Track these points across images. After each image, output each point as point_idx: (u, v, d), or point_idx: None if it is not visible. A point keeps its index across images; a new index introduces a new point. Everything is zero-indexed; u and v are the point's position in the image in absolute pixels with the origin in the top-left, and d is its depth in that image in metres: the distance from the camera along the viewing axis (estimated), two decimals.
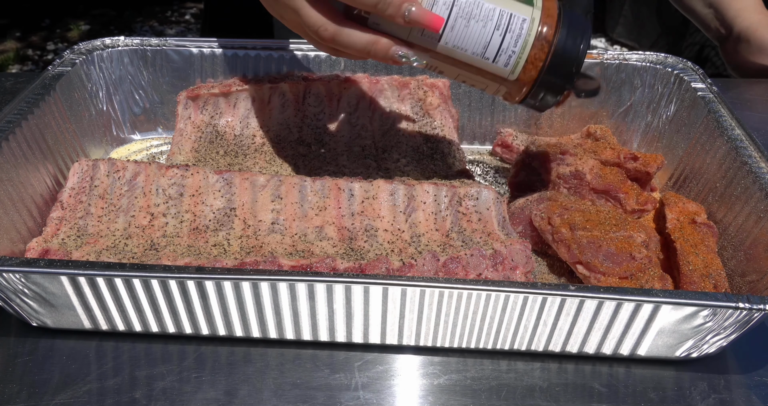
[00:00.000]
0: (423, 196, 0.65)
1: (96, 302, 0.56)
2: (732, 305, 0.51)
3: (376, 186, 0.65)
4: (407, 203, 0.65)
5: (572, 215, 0.64)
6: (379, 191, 0.65)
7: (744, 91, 1.02)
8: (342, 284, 0.52)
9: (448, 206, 0.65)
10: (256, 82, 0.79)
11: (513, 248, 0.60)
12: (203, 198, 0.65)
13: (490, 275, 0.59)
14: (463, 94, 0.83)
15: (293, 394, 0.55)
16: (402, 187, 0.65)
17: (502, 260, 0.59)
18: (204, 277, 0.52)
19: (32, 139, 0.68)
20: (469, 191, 0.65)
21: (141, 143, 0.85)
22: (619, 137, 0.85)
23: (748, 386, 0.57)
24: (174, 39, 0.82)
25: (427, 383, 0.57)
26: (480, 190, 0.65)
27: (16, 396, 0.54)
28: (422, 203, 0.65)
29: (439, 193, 0.65)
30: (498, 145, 0.83)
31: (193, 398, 0.54)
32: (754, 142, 0.67)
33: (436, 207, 0.65)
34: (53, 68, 0.76)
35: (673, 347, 0.56)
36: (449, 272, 0.59)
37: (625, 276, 0.60)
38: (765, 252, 0.60)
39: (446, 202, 0.65)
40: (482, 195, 0.65)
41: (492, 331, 0.56)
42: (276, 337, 0.58)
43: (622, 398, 0.55)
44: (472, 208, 0.65)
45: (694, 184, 0.73)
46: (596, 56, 0.81)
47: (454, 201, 0.65)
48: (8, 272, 0.52)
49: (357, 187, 0.66)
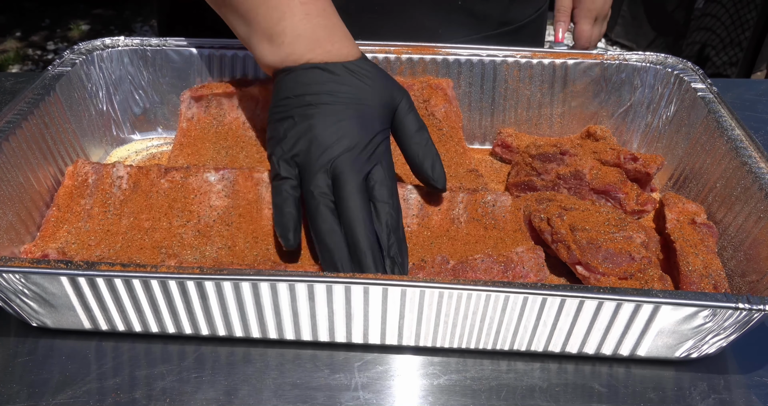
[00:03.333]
0: (437, 201, 0.65)
1: (96, 303, 0.56)
2: (732, 306, 0.51)
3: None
4: (420, 208, 0.65)
5: (572, 215, 0.64)
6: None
7: (744, 91, 1.02)
8: (342, 285, 0.52)
9: (463, 211, 0.65)
10: (260, 83, 0.79)
11: (525, 256, 0.60)
12: (205, 198, 0.65)
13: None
14: (464, 94, 0.83)
15: (293, 394, 0.55)
16: (416, 192, 0.65)
17: (513, 266, 0.59)
18: (204, 277, 0.52)
19: (32, 139, 0.68)
20: (486, 197, 0.65)
21: (141, 143, 0.85)
22: (619, 137, 0.85)
23: (748, 387, 0.57)
24: (174, 39, 0.82)
25: (426, 384, 0.57)
26: (497, 196, 0.65)
27: (16, 396, 0.54)
28: (436, 209, 0.65)
29: (454, 199, 0.65)
30: (498, 145, 0.83)
31: (192, 398, 0.55)
32: (754, 142, 0.67)
33: (451, 213, 0.65)
34: (53, 68, 0.76)
35: (672, 347, 0.56)
36: (458, 275, 0.59)
37: (624, 277, 0.60)
38: (765, 252, 0.60)
39: (461, 207, 0.65)
40: (499, 201, 0.65)
41: (492, 331, 0.56)
42: (276, 337, 0.58)
43: (621, 399, 0.55)
44: (489, 214, 0.65)
45: (694, 185, 0.73)
46: (596, 56, 0.81)
47: (469, 207, 0.65)
48: (8, 273, 0.52)
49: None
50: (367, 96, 0.62)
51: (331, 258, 0.57)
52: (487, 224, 0.65)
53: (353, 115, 0.61)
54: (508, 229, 0.65)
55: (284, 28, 0.64)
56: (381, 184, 0.59)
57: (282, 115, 0.63)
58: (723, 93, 0.77)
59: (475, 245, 0.63)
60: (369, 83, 0.63)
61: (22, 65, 3.05)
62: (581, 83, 0.82)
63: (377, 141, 0.61)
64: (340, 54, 0.63)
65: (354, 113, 0.61)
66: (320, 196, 0.58)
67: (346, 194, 0.58)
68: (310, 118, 0.61)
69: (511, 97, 0.84)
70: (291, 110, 0.62)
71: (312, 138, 0.60)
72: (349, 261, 0.57)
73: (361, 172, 0.59)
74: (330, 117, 0.60)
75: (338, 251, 0.57)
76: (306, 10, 0.64)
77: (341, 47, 0.64)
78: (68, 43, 3.27)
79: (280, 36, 0.64)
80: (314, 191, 0.58)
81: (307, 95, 0.62)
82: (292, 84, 0.63)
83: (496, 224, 0.65)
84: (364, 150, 0.60)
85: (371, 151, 0.60)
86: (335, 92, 0.61)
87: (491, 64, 0.82)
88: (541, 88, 0.83)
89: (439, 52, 0.81)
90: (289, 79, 0.63)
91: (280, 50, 0.64)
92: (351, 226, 0.57)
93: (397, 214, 0.59)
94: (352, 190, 0.58)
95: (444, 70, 0.82)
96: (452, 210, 0.65)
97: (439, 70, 0.82)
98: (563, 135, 0.86)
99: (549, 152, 0.73)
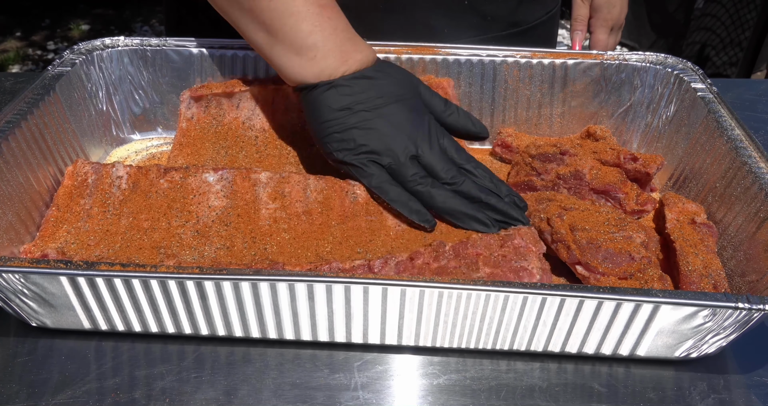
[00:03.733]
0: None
1: (95, 303, 0.56)
2: (731, 305, 0.51)
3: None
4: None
5: (572, 215, 0.64)
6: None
7: (744, 91, 1.02)
8: (341, 284, 0.52)
9: None
10: (259, 83, 0.79)
11: (521, 231, 0.61)
12: (204, 198, 0.65)
13: (502, 253, 0.59)
14: (464, 94, 0.83)
15: (293, 394, 0.55)
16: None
17: (512, 239, 0.60)
18: (203, 277, 0.52)
19: (32, 139, 0.68)
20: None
21: (141, 143, 0.85)
22: (619, 137, 0.85)
23: (748, 386, 0.57)
24: (174, 39, 0.82)
25: (426, 383, 0.57)
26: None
27: (15, 396, 0.54)
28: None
29: None
30: (498, 145, 0.83)
31: (192, 398, 0.55)
32: (754, 142, 0.67)
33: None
34: (53, 68, 0.76)
35: (672, 347, 0.56)
36: (459, 255, 0.59)
37: (624, 276, 0.60)
38: (765, 252, 0.60)
39: None
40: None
41: (491, 331, 0.56)
42: (275, 337, 0.58)
43: (621, 398, 0.55)
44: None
45: (694, 185, 0.73)
46: (596, 56, 0.81)
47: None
48: (8, 273, 0.52)
49: (360, 190, 0.66)
50: (403, 89, 0.68)
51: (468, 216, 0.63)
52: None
53: (403, 108, 0.66)
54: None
55: (315, 43, 0.65)
56: (457, 150, 0.67)
57: (341, 127, 0.65)
58: (723, 93, 0.77)
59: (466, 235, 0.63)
60: (398, 78, 0.69)
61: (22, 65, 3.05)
62: (581, 83, 0.82)
63: (430, 121, 0.68)
64: (367, 60, 0.67)
65: (403, 107, 0.67)
66: (423, 180, 0.64)
67: (440, 171, 0.65)
68: (371, 121, 0.65)
69: (511, 97, 0.84)
70: (349, 119, 0.65)
71: (385, 137, 0.65)
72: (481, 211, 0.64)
73: (437, 148, 0.66)
74: (388, 117, 0.65)
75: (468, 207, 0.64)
76: (334, 25, 0.65)
77: (366, 55, 0.67)
78: (68, 43, 3.27)
79: (312, 50, 0.65)
80: (416, 178, 0.64)
81: (358, 104, 0.65)
82: (338, 97, 0.65)
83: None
84: (429, 131, 0.67)
85: (433, 130, 0.67)
86: (379, 95, 0.66)
87: (491, 64, 0.82)
88: (541, 88, 0.83)
89: (439, 52, 0.81)
90: (331, 94, 0.66)
91: (313, 65, 0.65)
92: (462, 192, 0.64)
93: (484, 166, 0.68)
94: (443, 166, 0.65)
95: (444, 70, 0.82)
96: None
97: (439, 70, 0.82)
98: (563, 135, 0.86)
99: (549, 152, 0.73)
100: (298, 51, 0.65)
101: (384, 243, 0.62)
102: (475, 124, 0.72)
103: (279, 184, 0.66)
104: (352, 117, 0.65)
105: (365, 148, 0.65)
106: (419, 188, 0.64)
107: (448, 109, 0.71)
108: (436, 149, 0.66)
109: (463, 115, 0.72)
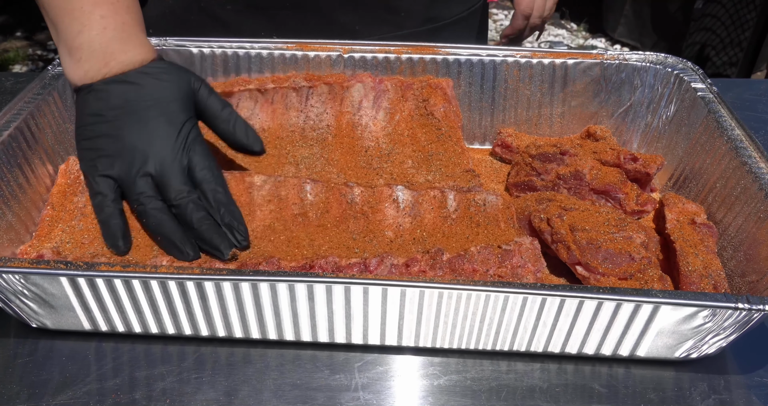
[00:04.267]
0: (429, 202, 0.65)
1: (95, 303, 0.56)
2: (731, 306, 0.51)
3: (378, 192, 0.65)
4: (412, 207, 0.65)
5: (572, 215, 0.64)
6: (382, 197, 0.65)
7: (744, 91, 1.02)
8: (341, 285, 0.52)
9: (454, 210, 0.65)
10: (259, 83, 0.79)
11: (522, 246, 0.60)
12: None
13: (499, 273, 0.59)
14: (464, 94, 0.83)
15: (293, 395, 0.55)
16: (408, 193, 0.65)
17: (510, 256, 0.59)
18: (203, 278, 0.52)
19: (32, 139, 0.68)
20: (477, 197, 0.65)
21: None
22: (619, 137, 0.85)
23: (748, 387, 0.57)
24: (174, 39, 0.82)
25: (426, 384, 0.57)
26: (486, 196, 0.65)
27: (16, 397, 0.54)
28: (429, 208, 0.65)
29: (446, 198, 0.65)
30: (498, 145, 0.83)
31: (192, 398, 0.55)
32: (754, 143, 0.67)
33: (442, 212, 0.65)
34: (53, 68, 0.76)
35: (672, 347, 0.56)
36: (455, 269, 0.58)
37: (624, 277, 0.60)
38: (765, 252, 0.60)
39: (454, 205, 0.65)
40: (489, 200, 0.65)
41: (491, 332, 0.56)
42: (275, 338, 0.58)
43: (621, 399, 0.55)
44: (481, 212, 0.65)
45: (694, 185, 0.73)
46: (596, 56, 0.81)
47: (461, 206, 0.65)
48: (8, 273, 0.52)
49: (358, 192, 0.66)
50: (167, 92, 0.64)
51: (171, 244, 0.60)
52: (480, 221, 0.64)
53: (157, 114, 0.63)
54: (500, 227, 0.64)
55: (81, 44, 0.63)
56: (201, 168, 0.62)
57: (91, 133, 0.63)
58: (723, 93, 0.77)
59: (466, 241, 0.63)
60: (167, 79, 0.65)
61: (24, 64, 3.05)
62: (581, 83, 0.82)
63: (186, 130, 0.63)
64: (134, 61, 0.64)
65: (158, 112, 0.63)
66: (146, 199, 0.61)
67: (171, 191, 0.61)
68: (119, 129, 0.62)
69: (511, 97, 0.84)
70: (98, 127, 0.63)
71: (125, 148, 0.62)
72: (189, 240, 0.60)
73: (180, 163, 0.62)
74: (137, 124, 0.62)
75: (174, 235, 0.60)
76: (104, 24, 0.63)
77: (134, 55, 0.64)
78: None
79: (78, 51, 0.63)
80: (140, 197, 0.61)
81: (111, 110, 0.63)
82: (94, 101, 0.63)
83: (489, 222, 0.64)
84: (176, 142, 0.62)
85: (183, 142, 0.63)
86: (136, 99, 0.63)
87: (491, 63, 0.82)
88: (541, 87, 0.83)
89: (439, 52, 0.81)
90: (90, 98, 0.63)
91: (78, 68, 0.64)
92: (182, 216, 0.60)
93: (224, 189, 0.63)
94: (176, 187, 0.61)
95: (444, 69, 0.82)
96: (443, 208, 0.65)
97: (439, 70, 0.82)
98: (563, 135, 0.86)
99: (549, 152, 0.73)
100: (70, 51, 0.64)
101: (381, 245, 0.62)
102: (249, 136, 0.67)
103: (274, 187, 0.66)
104: (101, 125, 0.62)
105: (102, 161, 0.62)
106: (138, 208, 0.61)
107: (224, 115, 0.67)
108: (175, 167, 0.61)
109: (239, 124, 0.67)
